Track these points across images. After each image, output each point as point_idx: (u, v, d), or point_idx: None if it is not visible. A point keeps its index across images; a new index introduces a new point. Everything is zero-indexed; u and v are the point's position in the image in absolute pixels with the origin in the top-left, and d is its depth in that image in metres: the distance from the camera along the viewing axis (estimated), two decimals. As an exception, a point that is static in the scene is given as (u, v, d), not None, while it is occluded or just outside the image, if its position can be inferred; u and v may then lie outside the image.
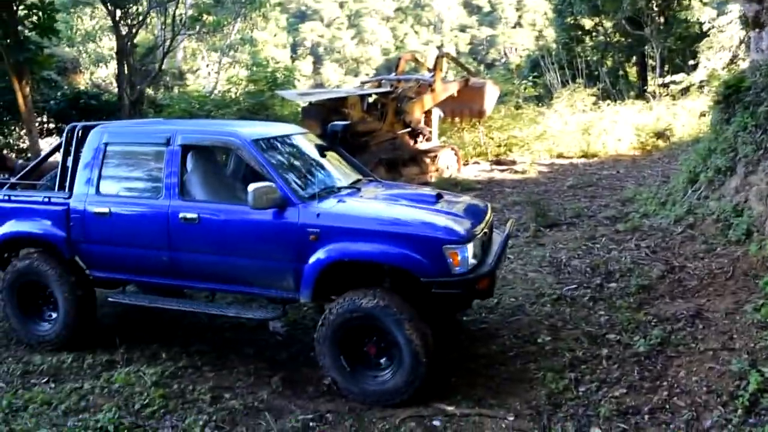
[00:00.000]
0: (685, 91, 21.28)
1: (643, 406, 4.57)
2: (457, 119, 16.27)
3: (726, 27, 23.45)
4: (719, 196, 7.85)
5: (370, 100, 14.06)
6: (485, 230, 5.36)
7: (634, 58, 28.80)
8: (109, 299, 5.98)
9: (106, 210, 5.61)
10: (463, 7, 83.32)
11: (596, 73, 26.29)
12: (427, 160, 13.61)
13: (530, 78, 22.82)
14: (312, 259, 4.92)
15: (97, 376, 5.40)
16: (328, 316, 4.88)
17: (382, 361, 4.92)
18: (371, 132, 13.00)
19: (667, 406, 4.55)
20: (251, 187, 4.83)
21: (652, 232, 8.08)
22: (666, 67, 25.55)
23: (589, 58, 27.04)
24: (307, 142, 6.30)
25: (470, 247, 4.84)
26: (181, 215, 5.32)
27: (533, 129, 17.29)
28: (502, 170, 14.96)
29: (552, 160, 15.93)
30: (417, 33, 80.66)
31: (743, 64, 18.28)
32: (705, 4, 25.77)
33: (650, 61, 26.92)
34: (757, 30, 15.95)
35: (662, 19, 25.78)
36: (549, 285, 6.87)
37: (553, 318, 6.18)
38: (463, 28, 79.38)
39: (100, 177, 5.75)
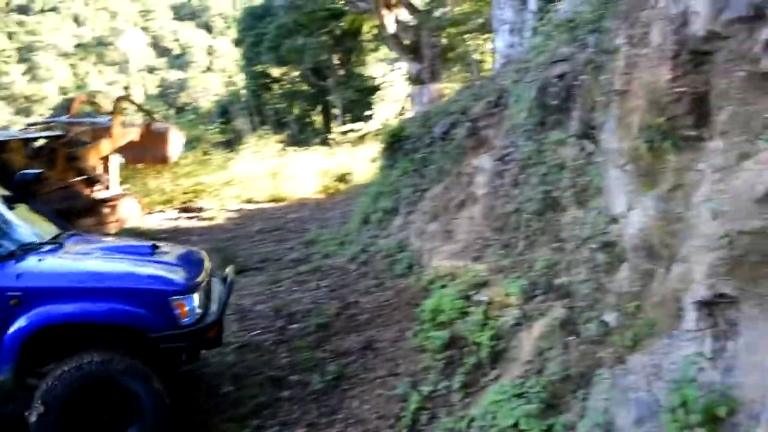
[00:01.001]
0: (363, 138, 23.39)
1: (321, 442, 4.75)
2: (140, 165, 15.47)
3: (395, 82, 26.61)
4: (387, 234, 8.70)
5: (37, 144, 12.56)
6: (206, 278, 5.19)
7: (319, 106, 30.88)
8: None
9: None
10: (152, 48, 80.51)
11: (284, 119, 27.51)
12: (106, 210, 12.58)
13: (220, 123, 22.87)
14: (13, 328, 4.27)
15: None
16: (51, 389, 4.23)
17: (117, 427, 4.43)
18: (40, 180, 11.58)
19: (344, 438, 4.79)
20: None
21: (332, 271, 8.57)
22: (347, 116, 27.93)
23: (277, 105, 28.20)
24: None
25: (196, 297, 4.67)
26: None
27: (222, 175, 17.27)
28: (190, 217, 14.60)
29: (241, 206, 16.06)
30: (101, 72, 75.29)
31: (410, 114, 20.84)
32: (381, 60, 28.96)
33: (334, 110, 29.16)
34: (419, 86, 18.49)
35: (343, 72, 28.20)
36: (233, 333, 6.79)
37: (237, 366, 6.11)
38: (151, 70, 76.50)
39: None
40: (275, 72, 29.84)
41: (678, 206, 3.78)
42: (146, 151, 14.45)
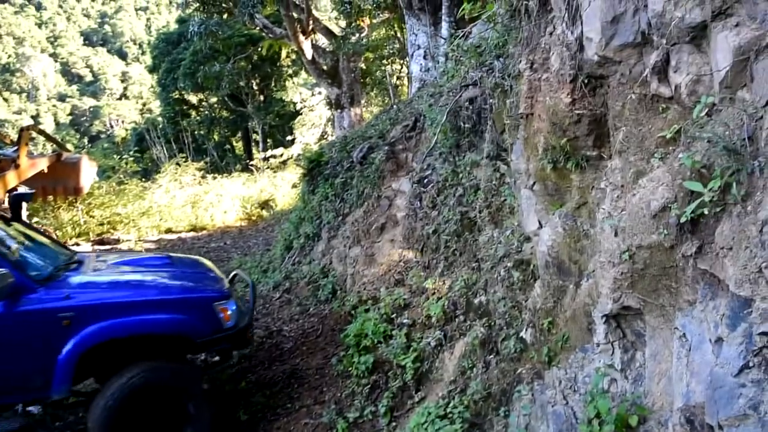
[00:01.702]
0: (285, 163, 23.22)
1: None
2: (50, 198, 14.72)
3: (316, 107, 26.64)
4: (310, 261, 8.62)
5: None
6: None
7: (240, 132, 30.48)
8: None
9: None
10: (62, 75, 77.58)
11: (204, 146, 26.98)
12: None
13: (135, 152, 22.17)
14: (67, 348, 4.28)
15: None
16: (104, 399, 4.38)
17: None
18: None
19: (267, 474, 4.68)
20: None
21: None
22: (268, 142, 27.69)
23: (196, 132, 27.64)
24: None
25: (234, 301, 5.01)
26: None
27: (139, 205, 16.66)
28: (106, 250, 14.01)
29: (160, 236, 15.54)
30: (7, 101, 71.82)
31: (331, 138, 20.87)
32: (301, 85, 28.95)
33: (254, 136, 28.85)
34: (339, 110, 18.56)
35: (262, 98, 27.99)
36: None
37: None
38: (62, 98, 73.62)
39: None
40: (193, 98, 29.30)
41: (584, 223, 3.94)
42: (57, 183, 13.78)
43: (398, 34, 17.31)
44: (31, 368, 4.31)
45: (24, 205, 6.38)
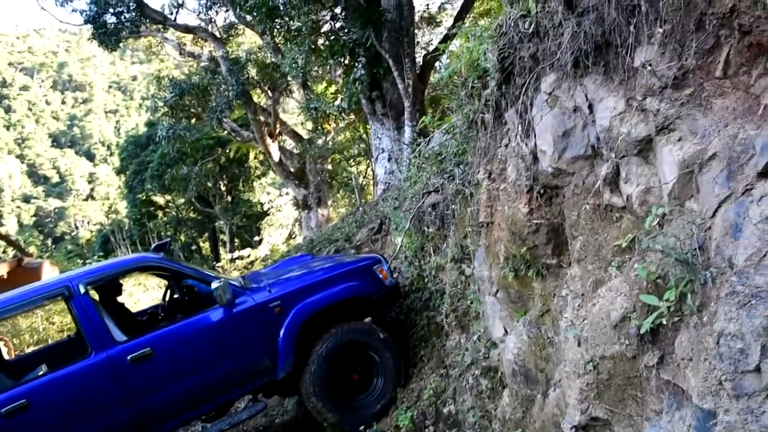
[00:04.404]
0: (252, 264, 23.05)
1: None
2: (9, 304, 14.24)
3: (283, 207, 26.82)
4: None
5: None
6: None
7: (207, 233, 30.36)
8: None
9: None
10: (28, 176, 77.22)
11: (170, 248, 26.72)
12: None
13: (100, 255, 21.86)
14: (282, 330, 5.28)
15: None
16: (315, 356, 5.37)
17: (366, 383, 5.73)
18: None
19: None
20: (215, 284, 5.06)
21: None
22: (236, 242, 27.58)
23: (162, 233, 27.44)
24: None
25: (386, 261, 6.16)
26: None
27: (101, 309, 16.17)
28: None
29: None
30: (-31, 202, 70.92)
31: (299, 239, 20.89)
32: (269, 184, 29.23)
33: (222, 236, 28.75)
34: (306, 211, 18.71)
35: (230, 198, 28.13)
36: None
37: None
38: (27, 199, 72.92)
39: None
40: (160, 199, 29.32)
41: (548, 331, 3.94)
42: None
43: (364, 136, 17.81)
44: (261, 353, 5.26)
45: None
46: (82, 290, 4.90)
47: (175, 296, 6.41)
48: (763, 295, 2.43)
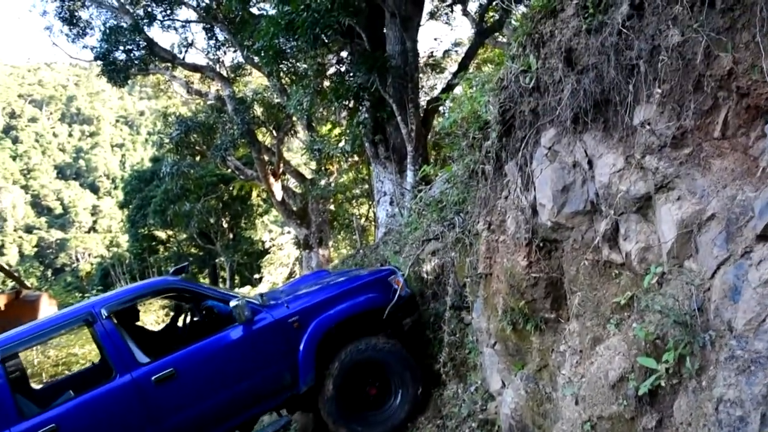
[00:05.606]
0: (251, 301, 22.92)
1: None
2: (5, 337, 14.16)
3: (284, 245, 26.83)
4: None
5: None
6: None
7: (207, 269, 30.28)
8: None
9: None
10: (32, 207, 77.46)
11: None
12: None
13: (99, 289, 21.77)
14: (303, 343, 5.32)
15: None
16: (332, 371, 5.41)
17: (385, 397, 5.70)
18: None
19: None
20: (233, 302, 5.12)
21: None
22: (236, 279, 27.49)
23: (163, 269, 27.37)
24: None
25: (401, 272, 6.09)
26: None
27: (98, 344, 16.05)
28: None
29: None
30: (-28, 232, 70.97)
31: (298, 278, 20.73)
32: (272, 222, 29.29)
33: (222, 273, 28.67)
34: (307, 251, 18.69)
35: (231, 235, 28.14)
36: None
37: None
38: (29, 229, 72.99)
39: None
40: (162, 234, 29.32)
41: (546, 386, 3.88)
42: (15, 322, 13.34)
43: (366, 177, 17.91)
44: (283, 368, 5.29)
45: None
46: (105, 315, 4.99)
47: (195, 319, 6.43)
48: (762, 361, 2.40)
